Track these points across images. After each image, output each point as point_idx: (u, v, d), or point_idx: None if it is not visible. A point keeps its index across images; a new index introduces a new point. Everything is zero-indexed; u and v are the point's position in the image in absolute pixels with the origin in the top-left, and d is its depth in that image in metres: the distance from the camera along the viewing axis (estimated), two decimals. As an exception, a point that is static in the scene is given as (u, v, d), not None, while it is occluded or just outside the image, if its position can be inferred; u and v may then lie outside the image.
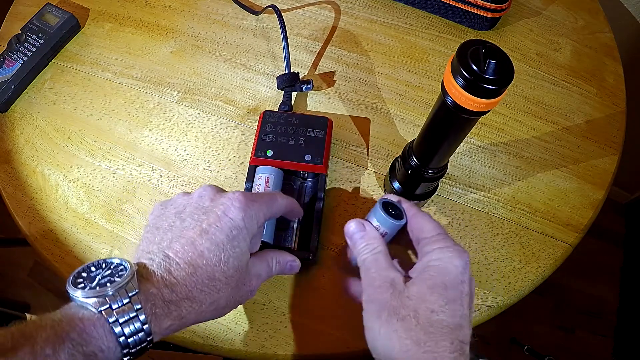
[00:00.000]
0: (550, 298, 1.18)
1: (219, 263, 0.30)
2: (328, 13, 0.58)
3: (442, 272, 0.31)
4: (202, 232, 0.30)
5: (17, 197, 0.46)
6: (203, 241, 0.30)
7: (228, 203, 0.31)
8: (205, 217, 0.31)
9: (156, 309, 0.27)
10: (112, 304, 0.26)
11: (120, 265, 0.28)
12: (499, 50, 0.26)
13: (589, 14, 0.59)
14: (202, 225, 0.30)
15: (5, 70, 0.51)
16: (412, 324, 0.29)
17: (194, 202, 0.33)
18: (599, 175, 0.48)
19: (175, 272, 0.29)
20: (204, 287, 0.29)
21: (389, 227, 0.35)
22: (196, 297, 0.29)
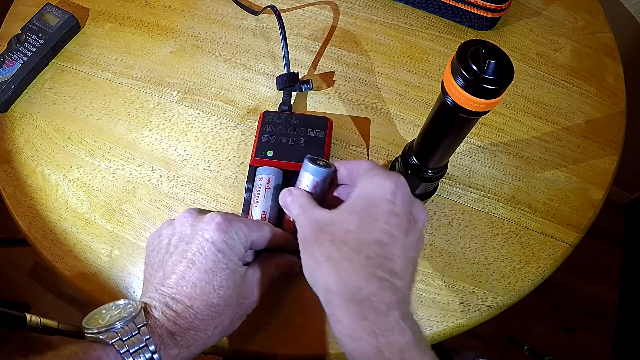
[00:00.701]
0: (550, 298, 1.18)
1: (213, 289, 0.31)
2: (328, 13, 0.58)
3: (364, 196, 0.31)
4: (189, 264, 0.31)
5: (17, 197, 0.46)
6: (192, 273, 0.31)
7: (207, 227, 0.32)
8: (188, 248, 0.32)
9: (164, 339, 0.29)
10: (122, 337, 0.28)
11: (129, 305, 0.30)
12: (499, 50, 0.26)
13: (589, 14, 0.59)
14: (188, 256, 0.31)
15: (5, 70, 0.51)
16: (328, 246, 0.29)
17: (177, 231, 0.34)
18: (599, 175, 0.48)
19: (173, 307, 0.30)
20: (203, 315, 0.30)
21: (319, 174, 0.36)
22: (199, 326, 0.30)
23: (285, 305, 0.41)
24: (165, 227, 0.35)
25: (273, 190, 0.42)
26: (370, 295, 0.27)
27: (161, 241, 0.34)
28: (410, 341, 0.26)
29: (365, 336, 0.26)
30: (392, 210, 0.29)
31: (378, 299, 0.27)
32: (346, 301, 0.27)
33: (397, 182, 0.30)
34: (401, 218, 0.30)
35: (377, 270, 0.27)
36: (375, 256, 0.28)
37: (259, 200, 0.41)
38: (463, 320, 0.41)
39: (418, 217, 0.31)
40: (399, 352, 0.25)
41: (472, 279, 0.42)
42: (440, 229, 0.44)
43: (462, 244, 0.44)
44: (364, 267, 0.28)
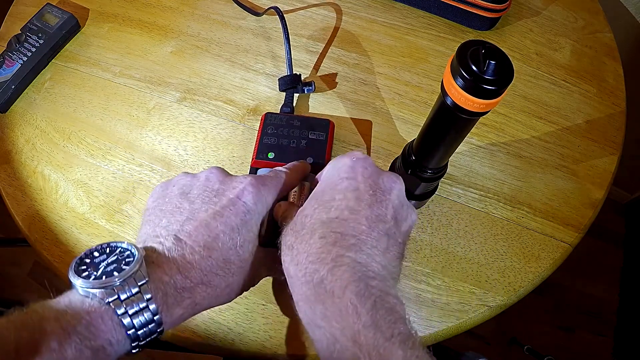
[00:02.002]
0: (550, 298, 1.18)
1: (234, 246, 0.29)
2: (328, 13, 0.58)
3: (324, 181, 0.30)
4: (215, 215, 0.29)
5: (17, 197, 0.46)
6: (218, 224, 0.29)
7: (240, 187, 0.31)
8: (218, 200, 0.30)
9: (168, 298, 0.26)
10: (120, 294, 0.24)
11: (127, 251, 0.27)
12: (498, 51, 0.26)
13: (589, 14, 0.59)
14: (216, 208, 0.29)
15: (5, 71, 0.51)
16: (289, 236, 0.28)
17: (201, 183, 0.31)
18: (599, 175, 0.48)
19: (189, 256, 0.27)
20: (219, 270, 0.28)
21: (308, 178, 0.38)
22: (211, 282, 0.28)
23: (285, 305, 0.41)
24: (183, 178, 0.32)
25: None
26: (323, 277, 0.25)
27: (177, 189, 0.31)
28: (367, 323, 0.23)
29: (320, 322, 0.24)
30: (350, 185, 0.28)
31: (331, 280, 0.25)
32: (303, 285, 0.26)
33: (354, 157, 0.30)
34: (361, 191, 0.28)
35: (333, 248, 0.26)
36: (330, 233, 0.26)
37: None
38: (463, 320, 0.41)
39: (386, 187, 0.30)
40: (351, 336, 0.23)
41: (472, 279, 0.42)
42: (440, 229, 0.44)
43: (462, 244, 0.44)
44: (318, 247, 0.26)
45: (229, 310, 0.41)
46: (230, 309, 0.41)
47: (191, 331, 0.40)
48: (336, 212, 0.28)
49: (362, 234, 0.27)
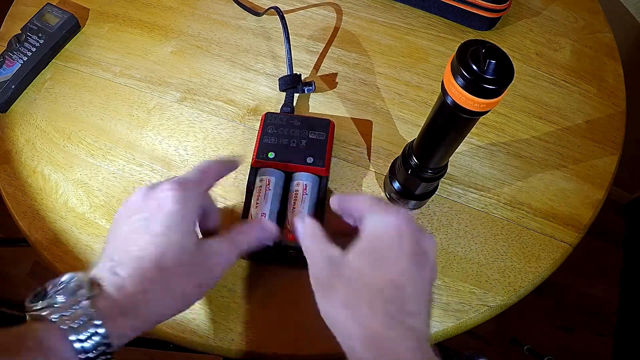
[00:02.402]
0: (550, 298, 1.18)
1: (162, 252, 0.30)
2: (328, 13, 0.58)
3: (373, 237, 0.31)
4: (140, 229, 0.31)
5: (17, 197, 0.46)
6: (141, 236, 0.30)
7: (159, 194, 0.32)
8: (140, 215, 0.32)
9: (111, 311, 0.27)
10: (63, 313, 0.26)
11: (73, 279, 0.28)
12: (499, 50, 0.26)
13: (589, 14, 0.59)
14: (139, 224, 0.31)
15: (5, 70, 0.51)
16: (344, 292, 0.29)
17: (130, 203, 0.33)
18: (599, 175, 0.48)
19: (122, 272, 0.29)
20: (154, 278, 0.29)
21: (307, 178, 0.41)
22: (149, 290, 0.29)
23: (284, 305, 0.41)
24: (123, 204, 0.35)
25: (273, 192, 0.41)
26: (391, 341, 0.26)
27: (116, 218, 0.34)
28: None
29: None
30: (401, 248, 0.29)
31: (399, 345, 0.26)
32: (368, 347, 0.27)
33: (401, 218, 0.31)
34: (411, 255, 0.29)
35: (396, 314, 0.27)
36: (391, 299, 0.28)
37: (259, 201, 0.41)
38: (463, 320, 0.41)
39: (427, 249, 0.31)
40: None
41: (472, 279, 0.42)
42: (440, 229, 0.44)
43: (462, 244, 0.44)
44: (382, 311, 0.27)
45: (229, 310, 0.41)
46: (231, 309, 0.41)
47: (191, 331, 0.40)
48: (392, 275, 0.29)
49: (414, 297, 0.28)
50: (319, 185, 0.43)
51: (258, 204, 0.41)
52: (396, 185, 0.43)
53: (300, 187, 0.42)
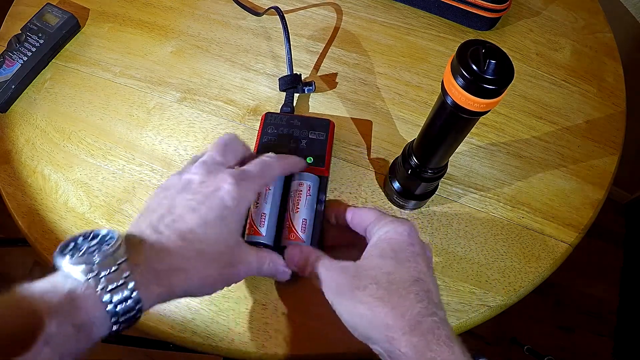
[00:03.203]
0: (550, 298, 1.18)
1: (208, 240, 0.30)
2: (328, 13, 0.58)
3: (389, 241, 0.32)
4: (191, 210, 0.31)
5: (17, 197, 0.46)
6: (193, 217, 0.31)
7: (218, 184, 0.32)
8: (194, 196, 0.32)
9: (145, 277, 0.27)
10: (100, 271, 0.26)
11: (108, 235, 0.28)
12: (499, 50, 0.26)
13: (589, 14, 0.59)
14: (192, 204, 0.31)
15: (5, 70, 0.51)
16: (374, 289, 0.30)
17: (183, 180, 0.33)
18: (599, 175, 0.48)
19: (165, 243, 0.29)
20: (193, 260, 0.30)
21: (308, 178, 0.41)
22: (185, 269, 0.29)
23: (285, 305, 0.41)
24: (172, 177, 0.34)
25: (274, 193, 0.41)
26: (431, 328, 0.28)
27: (164, 189, 0.33)
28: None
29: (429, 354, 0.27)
30: (415, 251, 0.32)
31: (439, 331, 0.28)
32: (410, 334, 0.28)
33: (410, 226, 0.33)
34: (423, 257, 0.32)
35: (428, 305, 0.29)
36: (420, 292, 0.29)
37: (259, 202, 0.41)
38: (463, 320, 0.41)
39: (430, 255, 0.34)
40: None
41: (472, 279, 0.42)
42: (440, 229, 0.44)
43: (462, 244, 0.44)
44: (416, 302, 0.29)
45: (229, 310, 0.41)
46: (230, 309, 0.41)
47: (191, 331, 0.40)
48: (415, 273, 0.31)
49: (434, 293, 0.31)
50: (319, 185, 0.43)
51: (258, 204, 0.41)
52: (396, 185, 0.43)
53: (300, 187, 0.42)
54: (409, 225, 0.33)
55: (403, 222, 0.33)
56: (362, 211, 0.36)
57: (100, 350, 1.07)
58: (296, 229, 0.40)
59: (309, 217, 0.41)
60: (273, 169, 0.37)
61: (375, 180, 0.47)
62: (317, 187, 0.43)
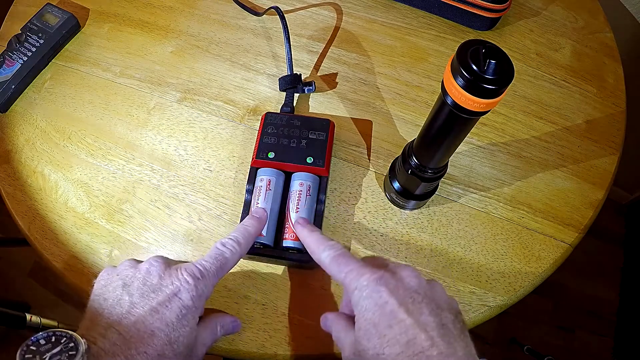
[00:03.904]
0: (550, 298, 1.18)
1: (169, 342, 0.31)
2: (328, 13, 0.58)
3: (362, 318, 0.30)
4: (152, 311, 0.31)
5: (17, 197, 0.46)
6: (153, 321, 0.31)
7: (177, 284, 0.32)
8: (155, 296, 0.32)
9: None
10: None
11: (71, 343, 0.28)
12: (499, 50, 0.26)
13: (589, 14, 0.59)
14: (152, 304, 0.31)
15: (5, 70, 0.51)
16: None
17: (141, 277, 0.33)
18: (599, 175, 0.48)
19: (126, 351, 0.29)
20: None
21: (307, 178, 0.42)
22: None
23: (285, 306, 0.41)
24: (127, 267, 0.34)
25: (274, 192, 0.41)
26: None
27: (120, 279, 0.33)
28: None
29: None
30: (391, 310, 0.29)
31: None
32: None
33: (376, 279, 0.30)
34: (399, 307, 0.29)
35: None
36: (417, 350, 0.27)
37: (259, 201, 0.41)
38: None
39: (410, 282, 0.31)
40: None
41: (472, 279, 0.42)
42: (440, 229, 0.44)
43: (462, 244, 0.44)
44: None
45: (229, 310, 0.41)
46: (230, 309, 0.41)
47: (191, 331, 0.40)
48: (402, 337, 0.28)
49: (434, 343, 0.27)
50: (319, 186, 0.43)
51: (258, 204, 0.41)
52: (396, 185, 0.43)
53: (300, 187, 0.42)
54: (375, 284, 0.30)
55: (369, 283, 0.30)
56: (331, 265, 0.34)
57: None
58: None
59: (309, 217, 0.41)
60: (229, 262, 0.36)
61: (375, 180, 0.47)
62: (317, 187, 0.43)
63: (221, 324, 0.37)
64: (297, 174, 0.43)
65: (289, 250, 0.40)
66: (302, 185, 0.42)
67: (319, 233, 0.37)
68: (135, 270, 0.34)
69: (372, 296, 0.30)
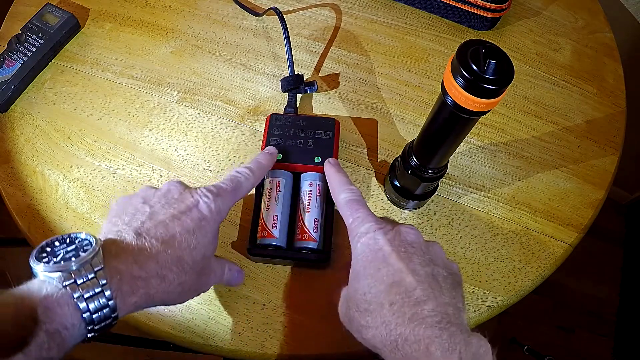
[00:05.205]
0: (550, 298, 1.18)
1: (188, 247, 0.31)
2: (328, 13, 0.58)
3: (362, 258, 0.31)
4: (173, 217, 0.31)
5: (17, 197, 0.46)
6: (175, 225, 0.31)
7: (196, 197, 0.33)
8: (176, 206, 0.32)
9: (123, 285, 0.27)
10: (77, 278, 0.26)
11: (86, 240, 0.28)
12: (499, 50, 0.26)
13: (589, 14, 0.59)
14: (173, 212, 0.32)
15: (5, 70, 0.51)
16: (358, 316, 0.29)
17: (162, 193, 0.34)
18: (599, 175, 0.48)
19: (147, 249, 0.29)
20: (173, 266, 0.30)
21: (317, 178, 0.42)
22: (165, 276, 0.30)
23: (285, 305, 0.41)
24: (146, 189, 0.35)
25: (284, 194, 0.41)
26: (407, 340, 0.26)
27: (139, 198, 0.33)
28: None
29: None
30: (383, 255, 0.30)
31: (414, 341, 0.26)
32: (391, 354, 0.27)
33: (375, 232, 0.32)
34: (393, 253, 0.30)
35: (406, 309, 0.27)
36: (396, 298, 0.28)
37: (270, 204, 0.41)
38: (463, 320, 0.41)
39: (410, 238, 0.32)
40: None
41: (472, 279, 0.42)
42: (440, 229, 0.44)
43: (462, 244, 0.44)
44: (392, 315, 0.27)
45: (228, 310, 0.41)
46: (230, 309, 0.41)
47: (191, 331, 0.40)
48: (388, 279, 0.29)
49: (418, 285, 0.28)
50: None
51: (269, 207, 0.41)
52: (396, 185, 0.43)
53: (310, 187, 0.42)
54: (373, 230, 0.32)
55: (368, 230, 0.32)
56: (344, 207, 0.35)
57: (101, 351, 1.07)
58: (308, 229, 0.40)
59: (320, 216, 0.41)
60: (244, 184, 0.37)
61: (375, 180, 0.47)
62: (326, 187, 0.43)
63: (229, 266, 0.38)
64: (306, 174, 0.43)
65: (302, 251, 0.40)
66: (312, 185, 0.42)
67: (344, 175, 0.39)
68: (154, 190, 0.34)
69: (369, 243, 0.31)
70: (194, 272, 0.32)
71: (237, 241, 0.43)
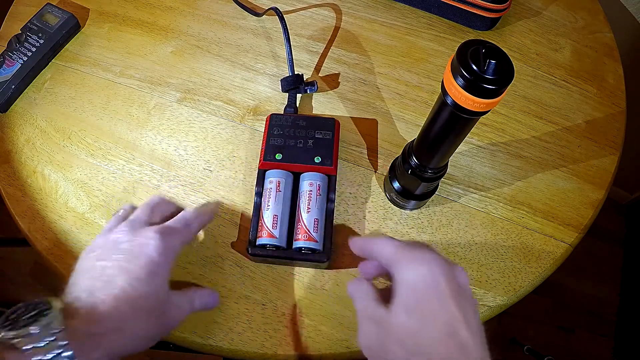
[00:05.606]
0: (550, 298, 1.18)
1: (140, 297, 0.32)
2: (328, 13, 0.58)
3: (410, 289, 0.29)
4: (121, 270, 0.32)
5: (17, 197, 0.46)
6: (123, 277, 0.32)
7: (144, 241, 0.34)
8: (124, 256, 0.33)
9: (82, 343, 0.29)
10: (36, 343, 0.27)
11: (45, 306, 0.29)
12: (499, 50, 0.26)
13: (589, 14, 0.59)
14: (121, 264, 0.33)
15: (5, 70, 0.51)
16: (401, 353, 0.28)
17: (111, 239, 0.35)
18: (599, 175, 0.48)
19: (100, 307, 0.31)
20: (128, 318, 0.31)
21: (317, 178, 0.42)
22: (122, 329, 0.31)
23: (285, 306, 0.41)
24: (99, 238, 0.36)
25: (283, 194, 0.41)
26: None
27: (92, 251, 0.35)
28: None
29: None
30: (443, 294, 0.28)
31: None
32: None
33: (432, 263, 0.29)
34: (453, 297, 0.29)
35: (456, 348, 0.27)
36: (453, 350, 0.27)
37: (269, 204, 0.41)
38: (463, 320, 0.41)
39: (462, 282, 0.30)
40: None
41: (472, 279, 0.42)
42: (440, 229, 0.44)
43: (462, 244, 0.44)
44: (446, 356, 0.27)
45: (228, 310, 0.41)
46: (230, 309, 0.41)
47: (191, 331, 0.40)
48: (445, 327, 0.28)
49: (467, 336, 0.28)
50: (328, 184, 0.43)
51: (269, 206, 0.41)
52: (396, 185, 0.43)
53: (310, 187, 0.42)
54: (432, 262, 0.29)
55: (423, 259, 0.29)
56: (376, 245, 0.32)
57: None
58: (308, 229, 0.40)
59: (320, 216, 0.41)
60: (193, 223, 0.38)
61: (375, 180, 0.47)
62: (326, 187, 0.43)
63: (198, 294, 0.38)
64: (306, 174, 0.43)
65: (302, 251, 0.40)
66: (312, 185, 0.42)
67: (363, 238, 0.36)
68: (105, 239, 0.36)
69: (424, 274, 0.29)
70: (153, 317, 0.33)
71: (237, 241, 0.43)
